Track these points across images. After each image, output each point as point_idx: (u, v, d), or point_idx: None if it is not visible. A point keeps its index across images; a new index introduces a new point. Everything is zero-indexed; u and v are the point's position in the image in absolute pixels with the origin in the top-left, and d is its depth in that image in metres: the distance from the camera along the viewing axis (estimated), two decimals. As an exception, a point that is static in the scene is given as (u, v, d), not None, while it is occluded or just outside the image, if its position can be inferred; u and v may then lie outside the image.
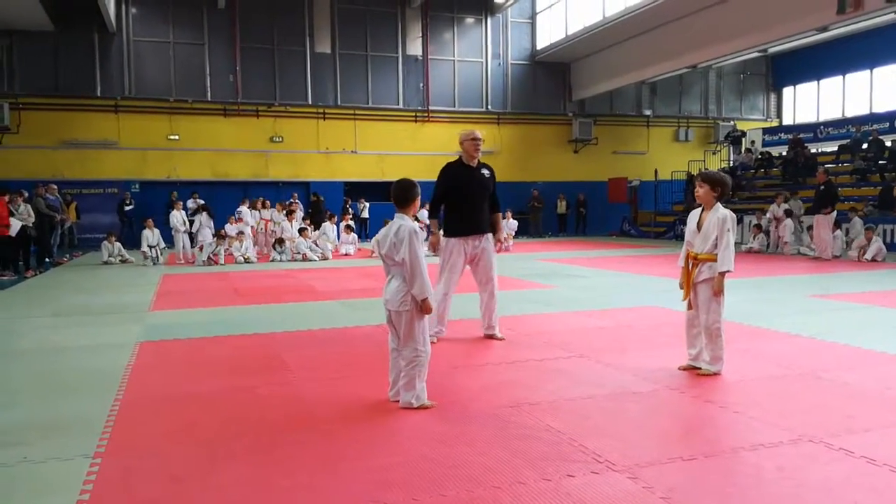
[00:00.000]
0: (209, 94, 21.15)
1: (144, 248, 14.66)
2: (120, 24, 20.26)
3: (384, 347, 5.79)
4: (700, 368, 4.70)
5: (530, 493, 2.81)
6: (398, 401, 4.04)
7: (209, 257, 14.32)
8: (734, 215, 4.72)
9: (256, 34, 21.48)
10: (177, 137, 20.82)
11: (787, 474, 2.97)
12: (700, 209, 4.79)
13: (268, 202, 18.25)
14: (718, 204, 4.67)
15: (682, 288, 4.85)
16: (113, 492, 2.91)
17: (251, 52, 21.47)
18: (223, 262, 14.20)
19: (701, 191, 4.71)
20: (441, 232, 5.96)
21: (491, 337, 5.94)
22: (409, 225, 4.00)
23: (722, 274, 4.54)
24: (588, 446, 3.31)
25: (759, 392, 4.27)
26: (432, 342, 5.75)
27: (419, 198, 4.18)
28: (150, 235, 14.84)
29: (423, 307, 3.97)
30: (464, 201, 5.78)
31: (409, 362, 4.00)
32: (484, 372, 4.93)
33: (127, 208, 19.32)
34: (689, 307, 4.78)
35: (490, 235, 5.95)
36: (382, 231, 4.13)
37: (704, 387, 4.39)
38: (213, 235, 14.98)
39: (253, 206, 17.90)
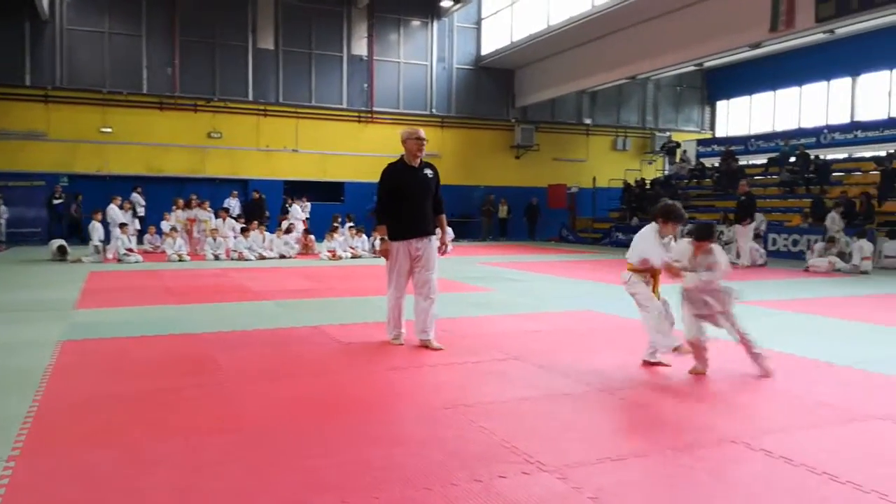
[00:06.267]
0: (145, 86, 20.56)
1: (97, 241, 14.09)
2: (53, 11, 19.50)
3: (320, 348, 5.74)
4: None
5: (462, 494, 2.81)
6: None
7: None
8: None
9: (196, 27, 20.98)
10: (110, 130, 20.15)
11: (711, 474, 3.06)
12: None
13: (205, 202, 17.80)
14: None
15: None
16: (27, 497, 2.78)
17: (190, 46, 20.96)
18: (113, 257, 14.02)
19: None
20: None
21: (425, 345, 5.64)
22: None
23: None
24: (520, 447, 3.34)
25: (686, 394, 4.40)
26: (398, 345, 5.73)
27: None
28: (101, 229, 14.30)
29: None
30: (406, 203, 5.60)
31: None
32: (421, 374, 4.92)
33: (56, 202, 18.56)
34: None
35: (433, 238, 5.77)
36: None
37: (635, 389, 4.49)
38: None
39: (188, 206, 17.46)
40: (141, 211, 18.50)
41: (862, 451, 3.38)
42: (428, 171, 5.76)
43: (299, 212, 18.23)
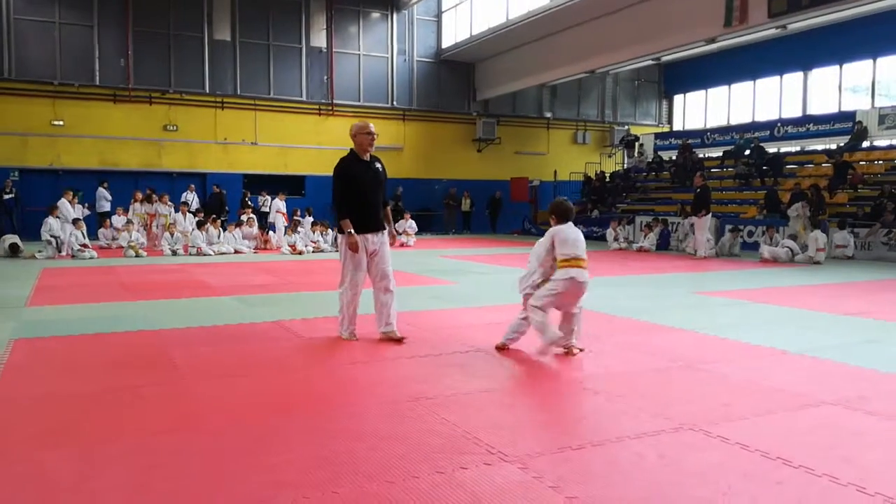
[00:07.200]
0: (98, 78, 20.00)
1: (47, 236, 13.72)
2: (0, 1, 18.83)
3: (280, 343, 5.68)
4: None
5: (423, 487, 2.80)
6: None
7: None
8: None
9: (150, 17, 20.47)
10: (61, 123, 19.57)
11: (668, 461, 3.11)
12: None
13: (165, 196, 17.37)
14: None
15: None
16: (-27, 501, 2.69)
17: (144, 36, 20.45)
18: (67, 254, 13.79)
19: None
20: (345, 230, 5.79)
21: (389, 336, 5.67)
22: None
23: None
24: (482, 439, 3.34)
25: (644, 383, 4.46)
26: (352, 340, 5.67)
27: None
28: (56, 224, 13.93)
29: None
30: (360, 197, 5.61)
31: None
32: (383, 367, 4.90)
33: (6, 197, 17.96)
34: None
35: (386, 231, 5.82)
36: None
37: (594, 379, 4.53)
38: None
39: (147, 200, 17.13)
40: (107, 206, 18.09)
41: (814, 436, 3.47)
42: (378, 165, 5.81)
43: (282, 206, 17.90)
